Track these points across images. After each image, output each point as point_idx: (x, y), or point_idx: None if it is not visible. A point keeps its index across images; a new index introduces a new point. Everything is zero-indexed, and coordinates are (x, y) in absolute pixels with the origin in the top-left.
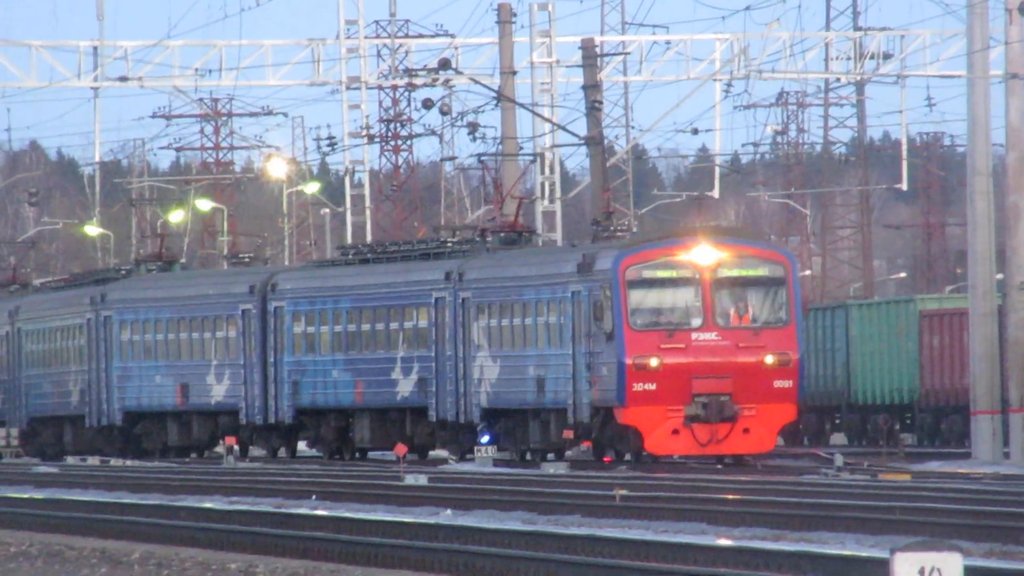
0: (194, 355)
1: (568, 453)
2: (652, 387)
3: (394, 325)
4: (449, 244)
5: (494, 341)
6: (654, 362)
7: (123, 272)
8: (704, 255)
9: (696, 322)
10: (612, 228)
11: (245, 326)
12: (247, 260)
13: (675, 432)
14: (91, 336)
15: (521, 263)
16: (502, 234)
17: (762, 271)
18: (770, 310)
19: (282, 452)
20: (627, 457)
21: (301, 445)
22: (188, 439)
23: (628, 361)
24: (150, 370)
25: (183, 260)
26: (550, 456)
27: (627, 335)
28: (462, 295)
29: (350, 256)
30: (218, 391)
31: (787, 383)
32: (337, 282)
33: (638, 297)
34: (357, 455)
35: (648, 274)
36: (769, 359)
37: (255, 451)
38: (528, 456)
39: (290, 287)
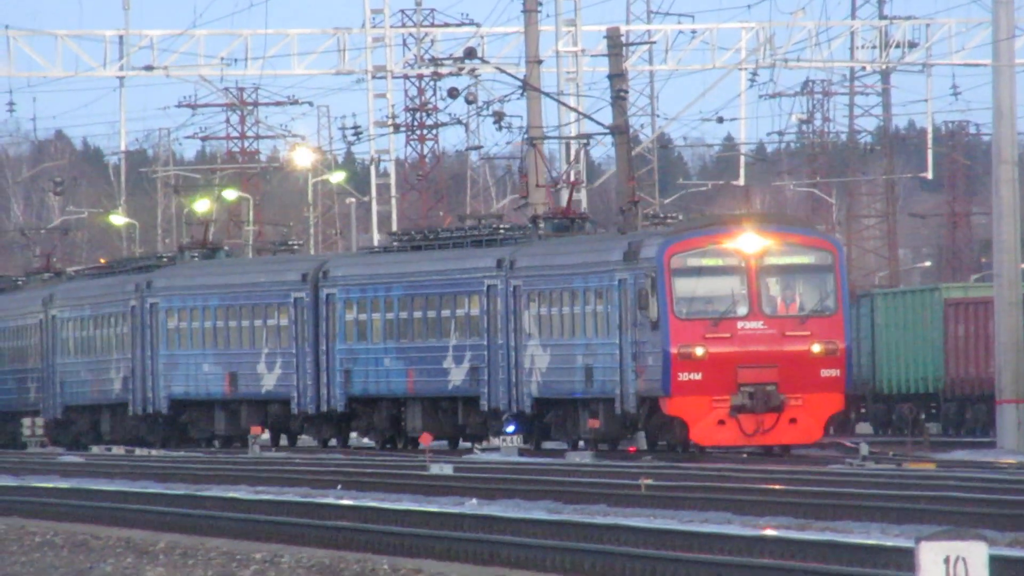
0: (244, 343)
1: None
2: (698, 377)
3: (446, 313)
4: (501, 230)
5: (544, 330)
6: (699, 351)
7: (165, 260)
8: (750, 243)
9: (742, 311)
10: (636, 216)
11: (297, 314)
12: (296, 248)
13: (721, 422)
14: (135, 323)
15: (570, 250)
16: (555, 220)
17: (808, 259)
18: (817, 298)
19: (333, 441)
20: (672, 447)
21: (353, 435)
22: (237, 428)
23: (673, 350)
24: (198, 358)
25: (227, 248)
26: (603, 447)
27: (672, 324)
28: (513, 283)
29: (402, 243)
30: (269, 380)
31: (834, 372)
32: (388, 269)
33: (683, 285)
34: (409, 445)
35: (693, 262)
36: (816, 348)
37: (305, 440)
38: (580, 446)
39: (342, 274)
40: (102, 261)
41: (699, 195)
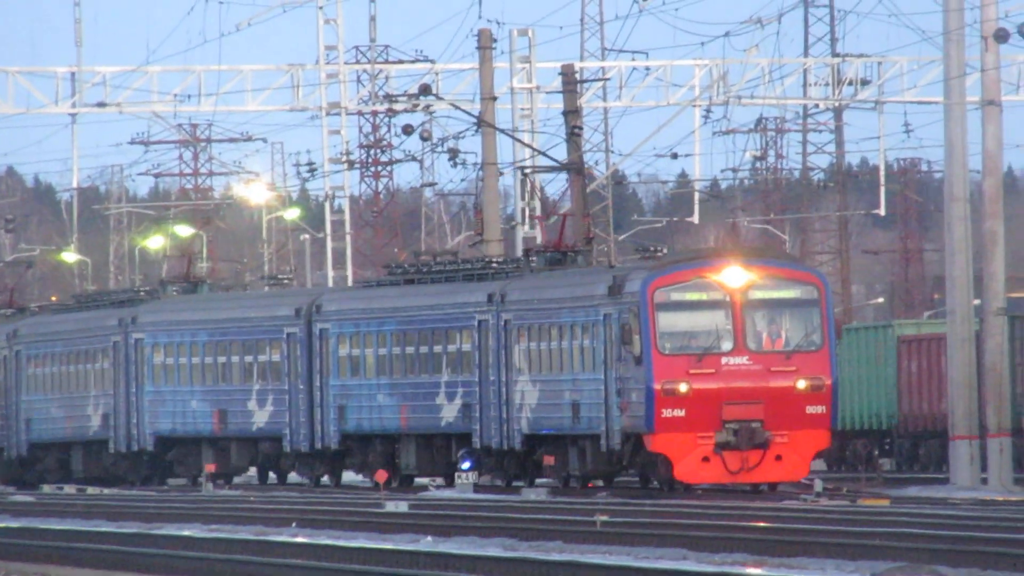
0: (234, 379)
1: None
2: (681, 413)
3: (438, 348)
4: (495, 264)
5: (534, 365)
6: (683, 387)
7: (143, 293)
8: (734, 276)
9: (726, 346)
10: (591, 253)
11: (290, 349)
12: (286, 281)
13: (705, 459)
14: (118, 359)
15: (558, 284)
16: (548, 253)
17: (794, 293)
18: (802, 333)
19: (325, 479)
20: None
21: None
22: (226, 466)
23: (656, 386)
24: (185, 394)
25: (209, 282)
26: (601, 483)
27: (655, 359)
28: (504, 317)
29: (396, 276)
30: (260, 417)
31: (820, 408)
32: (381, 303)
33: (667, 320)
34: (404, 483)
35: (677, 296)
36: (801, 384)
37: (295, 478)
38: (570, 484)
39: (335, 308)
40: (53, 299)
41: (653, 232)
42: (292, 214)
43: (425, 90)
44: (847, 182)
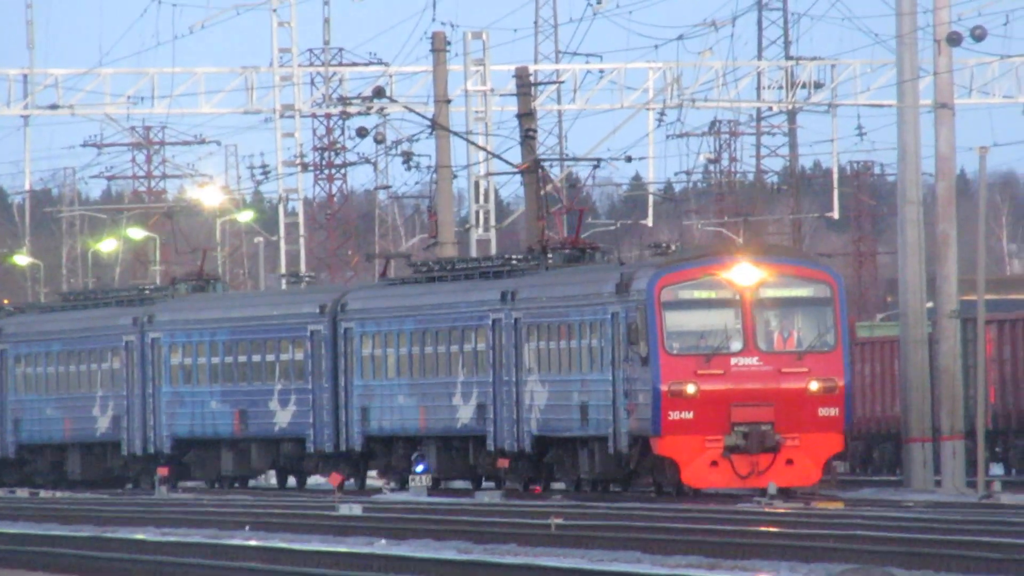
0: (255, 379)
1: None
2: (689, 415)
3: (455, 347)
4: (514, 260)
5: (543, 365)
6: (691, 389)
7: (147, 291)
8: (744, 274)
9: (736, 346)
10: (546, 255)
11: (314, 348)
12: (307, 279)
13: (714, 463)
14: (131, 359)
15: (568, 282)
16: (565, 250)
17: (806, 291)
18: (815, 333)
19: (350, 482)
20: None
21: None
22: (246, 468)
23: (663, 388)
24: (204, 395)
25: (222, 280)
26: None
27: (662, 360)
28: (515, 316)
29: (420, 273)
30: (282, 417)
31: (833, 411)
32: (402, 302)
33: (674, 319)
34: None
35: (685, 295)
36: (814, 385)
37: (315, 482)
38: (580, 487)
39: (359, 307)
40: (5, 302)
41: (607, 234)
42: (246, 217)
43: (379, 92)
44: (800, 185)
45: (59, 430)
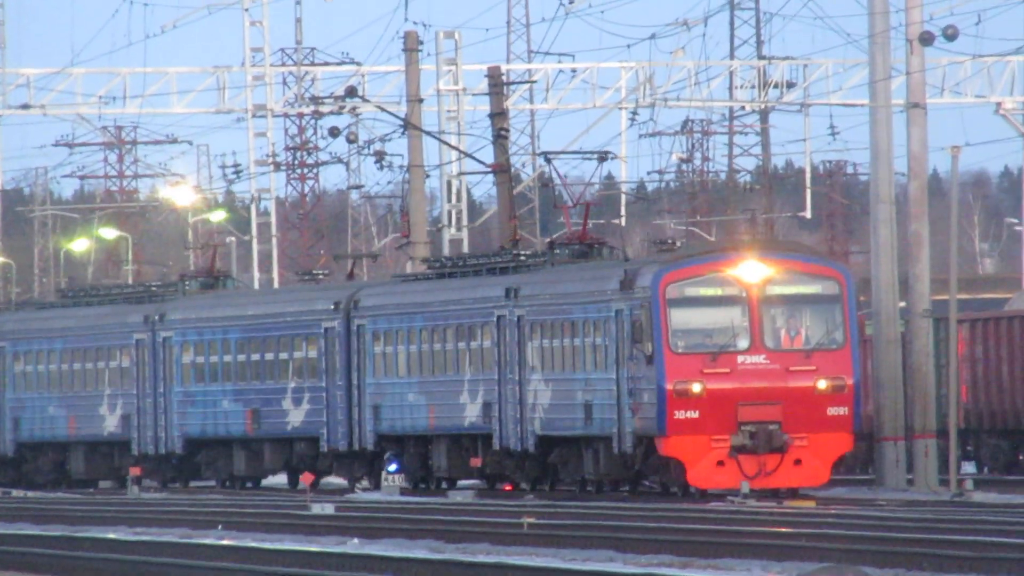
0: (268, 378)
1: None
2: (695, 415)
3: (461, 345)
4: (521, 256)
5: (546, 363)
6: (696, 388)
7: (154, 288)
8: (751, 271)
9: (742, 344)
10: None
11: (327, 345)
12: (321, 276)
13: (720, 464)
14: (142, 357)
15: (571, 278)
16: (573, 246)
17: (815, 288)
18: (823, 331)
19: (364, 482)
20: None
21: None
22: (259, 467)
23: (668, 386)
24: (216, 394)
25: (234, 278)
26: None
27: (667, 358)
28: (518, 313)
29: (434, 270)
30: (295, 416)
31: (842, 410)
32: (412, 299)
33: (679, 317)
34: (438, 485)
35: (690, 292)
36: (822, 384)
37: (334, 480)
38: (587, 488)
39: (372, 304)
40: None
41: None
42: (218, 216)
43: (351, 92)
44: (773, 184)
45: (63, 428)
